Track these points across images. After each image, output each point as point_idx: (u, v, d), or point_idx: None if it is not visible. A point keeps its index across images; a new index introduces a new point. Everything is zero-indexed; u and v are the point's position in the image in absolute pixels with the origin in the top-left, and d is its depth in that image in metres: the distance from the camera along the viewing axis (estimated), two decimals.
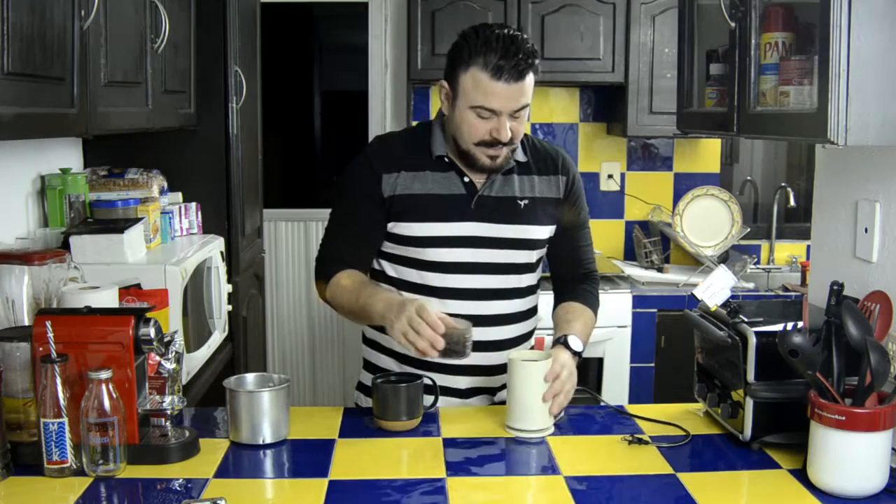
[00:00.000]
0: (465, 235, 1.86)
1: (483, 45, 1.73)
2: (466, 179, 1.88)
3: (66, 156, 2.63)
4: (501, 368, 1.91)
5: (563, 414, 1.78)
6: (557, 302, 2.02)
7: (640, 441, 1.68)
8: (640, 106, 3.66)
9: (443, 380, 1.86)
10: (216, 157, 2.86)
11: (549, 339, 1.92)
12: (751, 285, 3.64)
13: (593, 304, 2.00)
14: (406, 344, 1.67)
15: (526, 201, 1.90)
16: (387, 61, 4.10)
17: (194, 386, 2.37)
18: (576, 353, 1.81)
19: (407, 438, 1.71)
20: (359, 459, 1.60)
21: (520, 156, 1.91)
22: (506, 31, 1.75)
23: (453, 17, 3.54)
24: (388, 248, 1.92)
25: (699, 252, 3.72)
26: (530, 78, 1.76)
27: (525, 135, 1.93)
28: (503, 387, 1.95)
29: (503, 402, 1.95)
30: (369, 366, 2.01)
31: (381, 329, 1.94)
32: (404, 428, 1.74)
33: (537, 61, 1.77)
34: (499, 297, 1.90)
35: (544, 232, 1.94)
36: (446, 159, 1.88)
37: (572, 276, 2.03)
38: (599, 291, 2.06)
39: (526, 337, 1.99)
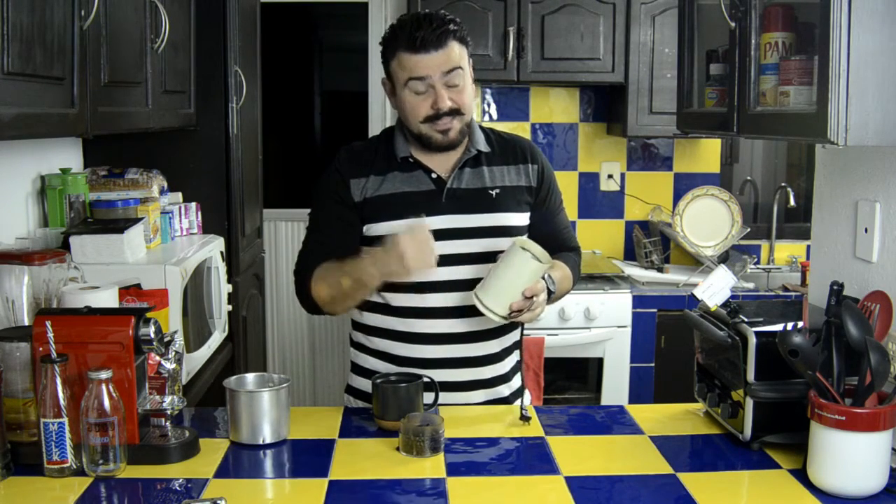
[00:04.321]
0: (439, 228, 1.85)
1: (399, 30, 1.82)
2: (434, 175, 1.90)
3: (66, 156, 2.63)
4: (490, 359, 1.93)
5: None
6: None
7: (527, 418, 1.77)
8: (640, 106, 3.66)
9: (439, 375, 1.85)
10: (216, 157, 2.86)
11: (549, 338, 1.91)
12: (751, 285, 3.64)
13: (574, 269, 2.04)
14: (415, 263, 1.70)
15: (497, 190, 1.92)
16: None
17: (194, 386, 2.37)
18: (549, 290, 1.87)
19: None
20: (359, 459, 1.60)
21: (482, 145, 1.93)
22: (419, 12, 1.83)
23: None
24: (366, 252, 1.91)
25: (699, 252, 3.72)
26: (454, 44, 1.81)
27: (488, 128, 1.99)
28: (496, 379, 1.95)
29: (502, 398, 1.96)
30: (357, 368, 2.01)
31: (368, 331, 1.95)
32: None
33: (455, 27, 1.81)
34: None
35: (520, 219, 1.96)
36: (411, 160, 1.91)
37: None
38: (599, 290, 2.05)
39: (510, 327, 1.98)
